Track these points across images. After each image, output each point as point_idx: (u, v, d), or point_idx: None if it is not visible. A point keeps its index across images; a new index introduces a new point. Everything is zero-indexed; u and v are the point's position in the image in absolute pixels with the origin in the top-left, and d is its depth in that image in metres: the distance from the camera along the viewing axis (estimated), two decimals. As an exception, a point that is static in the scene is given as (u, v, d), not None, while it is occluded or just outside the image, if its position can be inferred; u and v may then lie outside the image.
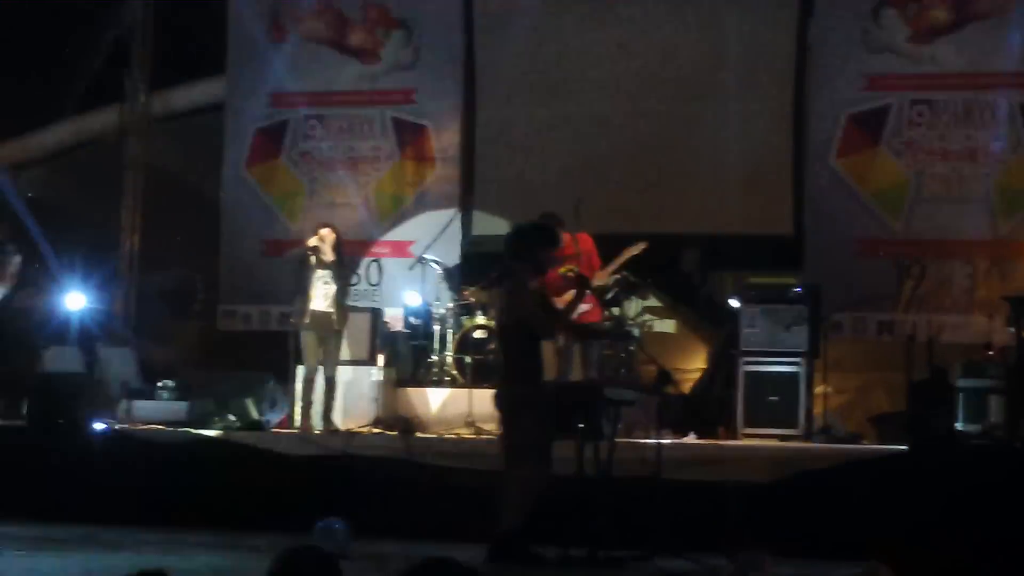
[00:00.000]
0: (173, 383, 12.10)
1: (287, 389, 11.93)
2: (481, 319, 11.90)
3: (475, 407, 11.14)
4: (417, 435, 10.80)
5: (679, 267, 13.57)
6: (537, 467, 7.94)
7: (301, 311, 11.31)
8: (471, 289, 12.04)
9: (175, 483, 9.86)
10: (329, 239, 11.35)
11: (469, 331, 11.96)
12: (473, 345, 11.89)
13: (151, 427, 11.33)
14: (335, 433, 10.99)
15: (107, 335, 13.23)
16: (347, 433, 11.01)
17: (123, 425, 11.41)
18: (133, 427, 11.33)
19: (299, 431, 11.14)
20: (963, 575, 7.50)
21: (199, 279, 14.46)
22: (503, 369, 8.32)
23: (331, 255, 11.33)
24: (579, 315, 9.58)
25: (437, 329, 12.11)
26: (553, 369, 10.13)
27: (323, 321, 11.25)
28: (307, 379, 11.30)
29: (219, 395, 12.08)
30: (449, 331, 12.05)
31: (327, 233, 11.39)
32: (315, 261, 11.30)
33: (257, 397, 12.19)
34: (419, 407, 11.81)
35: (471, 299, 12.02)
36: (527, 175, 13.24)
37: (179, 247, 14.45)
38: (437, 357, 12.06)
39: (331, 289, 11.27)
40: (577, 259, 10.80)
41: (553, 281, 10.03)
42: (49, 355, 12.19)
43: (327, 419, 11.16)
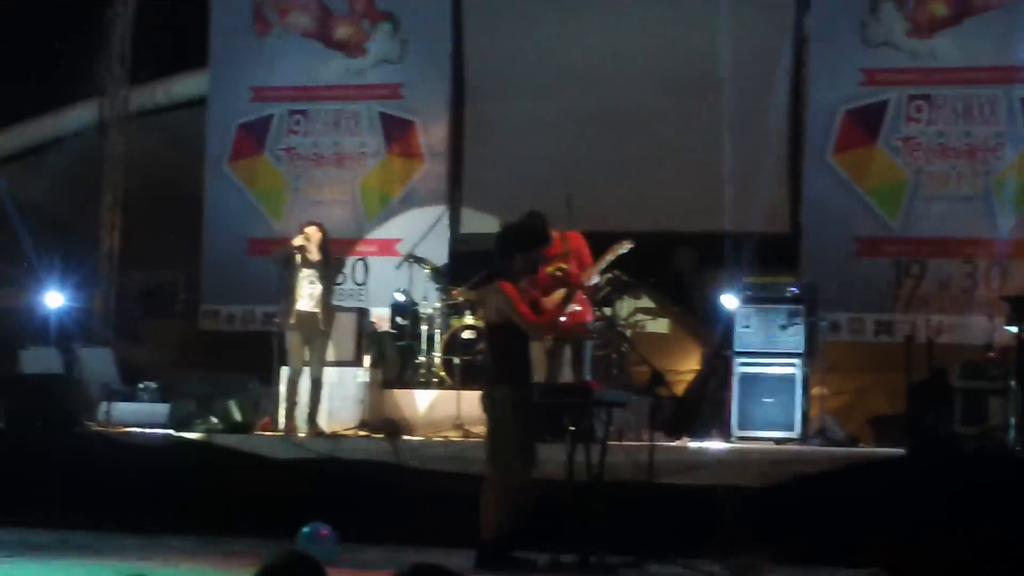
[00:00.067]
0: (154, 384, 12.02)
1: (271, 391, 11.76)
2: (469, 319, 11.76)
3: (463, 409, 11.02)
4: (404, 438, 10.71)
5: (672, 266, 13.48)
6: (523, 471, 7.93)
7: (286, 311, 11.17)
8: (459, 288, 11.88)
9: (156, 487, 9.81)
10: (315, 238, 11.20)
11: (457, 331, 11.83)
12: (461, 346, 11.76)
13: (131, 429, 11.23)
14: (320, 436, 10.88)
15: (86, 335, 13.17)
16: (333, 436, 10.92)
17: (103, 427, 11.31)
18: (113, 429, 11.24)
19: (284, 434, 11.01)
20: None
21: (180, 278, 14.33)
22: (490, 369, 8.31)
23: (317, 254, 11.17)
24: (570, 314, 9.51)
25: (425, 329, 12.00)
26: (544, 370, 10.05)
27: (309, 321, 11.09)
28: (292, 380, 11.17)
29: (201, 397, 11.96)
30: (437, 331, 11.93)
31: (313, 232, 11.23)
32: (301, 260, 11.15)
33: (240, 399, 12.02)
34: (406, 409, 11.70)
35: (459, 298, 11.88)
36: (517, 172, 13.11)
37: (160, 245, 14.32)
38: (425, 358, 11.95)
39: (317, 289, 11.12)
40: (565, 258, 10.64)
41: (541, 280, 9.89)
42: (27, 356, 12.08)
43: (312, 422, 11.03)
